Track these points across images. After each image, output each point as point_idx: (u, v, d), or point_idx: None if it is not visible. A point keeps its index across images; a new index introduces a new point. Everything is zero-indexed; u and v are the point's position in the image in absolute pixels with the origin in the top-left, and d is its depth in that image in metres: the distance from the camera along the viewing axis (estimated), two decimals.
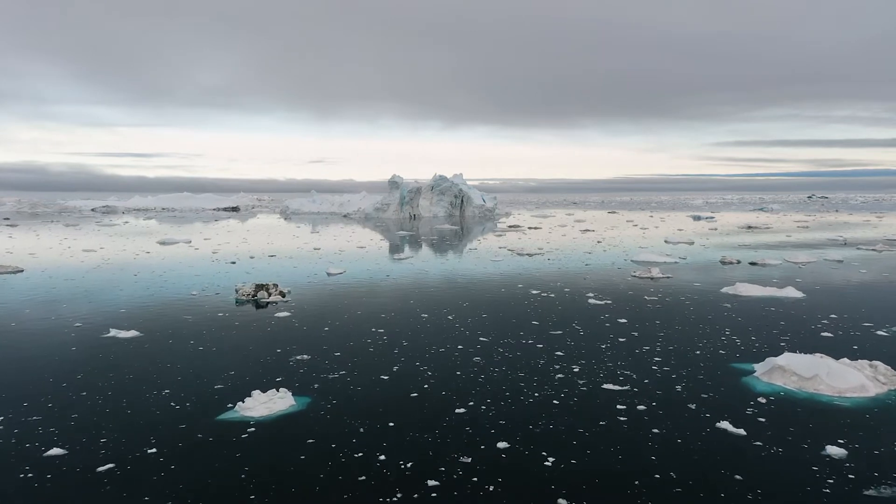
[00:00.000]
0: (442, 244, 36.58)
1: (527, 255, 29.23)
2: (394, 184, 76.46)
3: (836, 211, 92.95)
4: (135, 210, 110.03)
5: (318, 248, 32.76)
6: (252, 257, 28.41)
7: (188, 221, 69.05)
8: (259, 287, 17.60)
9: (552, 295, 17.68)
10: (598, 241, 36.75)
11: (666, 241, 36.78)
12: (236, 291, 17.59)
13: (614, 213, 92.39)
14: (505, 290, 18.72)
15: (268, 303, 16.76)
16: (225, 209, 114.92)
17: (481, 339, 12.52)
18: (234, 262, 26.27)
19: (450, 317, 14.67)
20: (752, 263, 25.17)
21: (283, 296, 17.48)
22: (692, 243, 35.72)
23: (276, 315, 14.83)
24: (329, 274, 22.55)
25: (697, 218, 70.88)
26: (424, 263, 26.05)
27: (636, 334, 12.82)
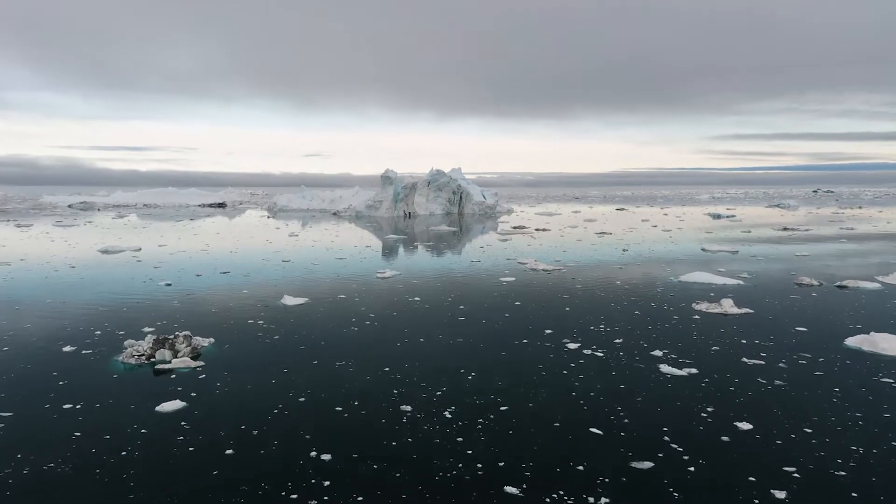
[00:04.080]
0: (438, 254, 30.67)
1: (543, 270, 23.38)
2: (387, 179, 70.38)
3: (860, 207, 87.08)
4: (114, 206, 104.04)
5: (288, 260, 26.85)
6: (199, 275, 22.50)
7: (163, 220, 63.02)
8: (160, 342, 11.69)
9: (600, 354, 11.81)
10: (624, 250, 30.86)
11: (703, 250, 30.94)
12: (123, 351, 11.68)
13: (623, 209, 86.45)
14: (528, 341, 12.84)
15: (169, 370, 10.88)
16: (210, 205, 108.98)
17: (507, 488, 6.66)
18: (169, 284, 20.36)
19: (447, 412, 8.79)
20: (841, 287, 19.33)
21: (196, 356, 11.59)
22: (736, 252, 29.88)
23: (158, 410, 8.91)
24: (284, 304, 16.70)
25: (717, 216, 65.03)
26: (413, 287, 20.16)
27: (795, 473, 6.94)
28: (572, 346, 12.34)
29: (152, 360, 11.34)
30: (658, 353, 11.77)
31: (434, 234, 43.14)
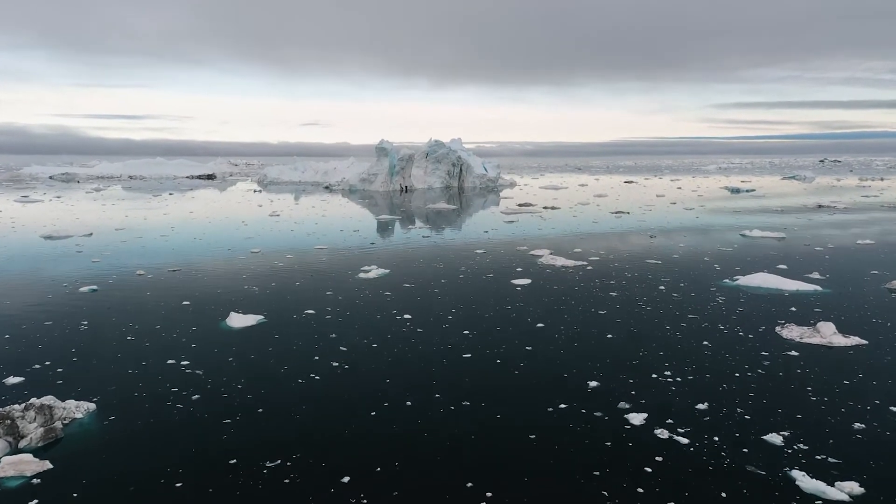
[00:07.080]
0: (435, 242, 26.38)
1: (562, 267, 19.15)
2: (382, 150, 65.39)
3: (882, 179, 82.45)
4: (98, 178, 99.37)
5: (258, 251, 22.55)
6: (141, 274, 18.21)
7: (143, 193, 58.65)
8: None
9: (683, 440, 7.59)
10: (651, 237, 26.54)
11: (743, 236, 26.62)
12: None
13: (631, 182, 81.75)
14: (566, 406, 8.58)
15: None
16: (199, 177, 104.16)
17: None
18: (95, 290, 16.11)
19: None
20: None
21: (52, 442, 7.36)
22: (783, 238, 25.61)
23: None
24: (229, 326, 12.49)
25: (736, 190, 60.54)
26: (404, 295, 15.94)
27: None
28: (635, 419, 8.11)
29: None
30: (776, 439, 7.54)
31: (432, 212, 38.73)
